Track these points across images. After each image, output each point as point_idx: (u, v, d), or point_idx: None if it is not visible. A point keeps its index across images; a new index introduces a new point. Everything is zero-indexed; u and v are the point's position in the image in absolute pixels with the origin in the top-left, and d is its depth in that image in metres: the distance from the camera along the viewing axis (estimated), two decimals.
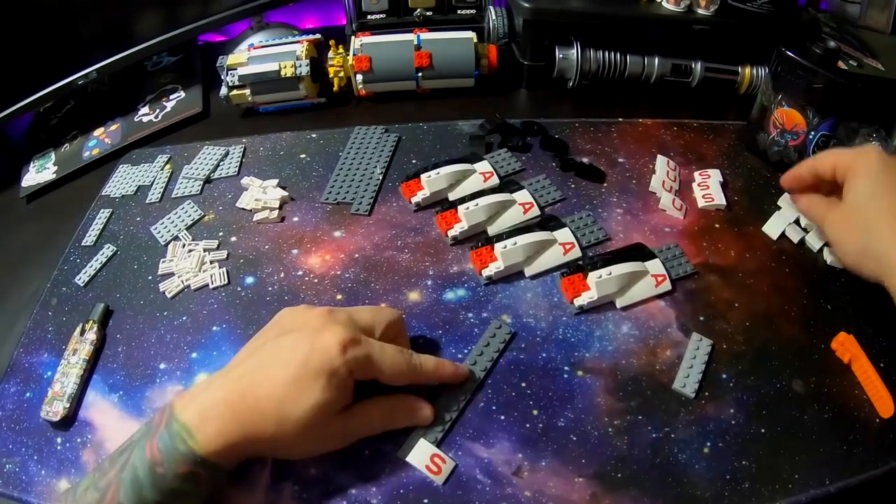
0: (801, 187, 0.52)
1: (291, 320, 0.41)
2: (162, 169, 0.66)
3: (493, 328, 0.48)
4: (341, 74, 0.72)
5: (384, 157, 0.63)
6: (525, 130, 0.65)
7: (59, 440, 0.45)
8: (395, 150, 0.64)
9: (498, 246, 0.51)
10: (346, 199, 0.59)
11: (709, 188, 0.58)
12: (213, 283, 0.53)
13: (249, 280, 0.53)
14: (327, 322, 0.39)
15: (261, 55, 0.70)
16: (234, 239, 0.57)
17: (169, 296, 0.52)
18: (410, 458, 0.41)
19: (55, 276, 0.56)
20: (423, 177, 0.58)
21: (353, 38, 0.71)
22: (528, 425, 0.43)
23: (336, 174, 0.62)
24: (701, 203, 0.57)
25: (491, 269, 0.51)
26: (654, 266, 0.51)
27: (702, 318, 0.49)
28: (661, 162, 0.60)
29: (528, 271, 0.52)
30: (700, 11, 0.65)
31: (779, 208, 0.57)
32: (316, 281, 0.53)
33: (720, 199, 0.57)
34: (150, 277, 0.55)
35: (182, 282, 0.53)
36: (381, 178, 0.61)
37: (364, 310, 0.43)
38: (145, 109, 0.76)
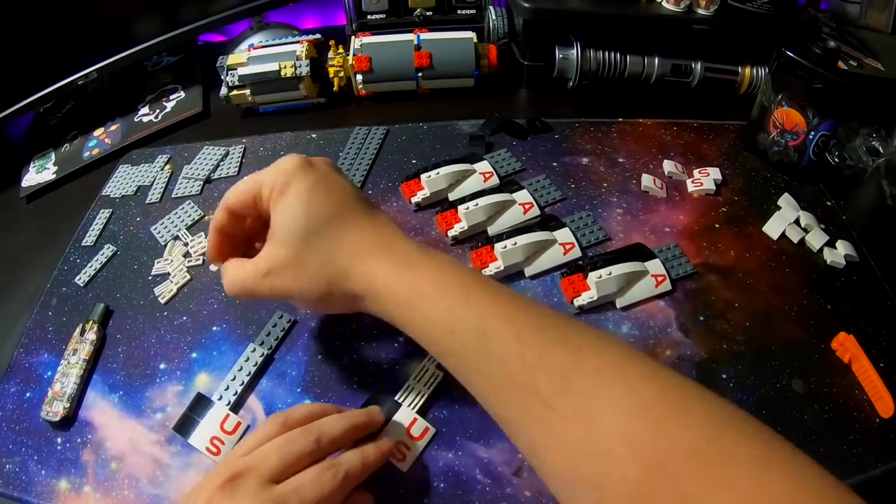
0: (225, 243, 0.41)
1: None
2: (162, 169, 0.66)
3: None
4: (341, 74, 0.72)
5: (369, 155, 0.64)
6: (528, 128, 0.65)
7: (59, 440, 0.45)
8: (382, 144, 0.65)
9: (498, 246, 0.51)
10: None
11: (700, 175, 0.59)
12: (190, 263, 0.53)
13: None
14: (232, 502, 0.32)
15: (261, 55, 0.70)
16: None
17: (162, 301, 0.52)
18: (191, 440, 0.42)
19: (55, 276, 0.56)
20: (423, 177, 0.58)
21: (353, 38, 0.71)
22: None
23: (352, 175, 0.62)
24: (690, 188, 0.58)
25: (491, 270, 0.51)
26: (654, 266, 0.51)
27: (702, 318, 0.49)
28: (668, 165, 0.61)
29: (528, 271, 0.52)
30: (700, 11, 0.65)
31: (779, 208, 0.57)
32: None
33: (709, 185, 0.58)
34: (150, 277, 0.55)
35: (174, 284, 0.53)
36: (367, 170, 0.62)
37: (269, 449, 0.35)
38: (145, 109, 0.76)
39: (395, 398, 0.44)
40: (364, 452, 0.38)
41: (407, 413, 0.43)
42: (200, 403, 0.45)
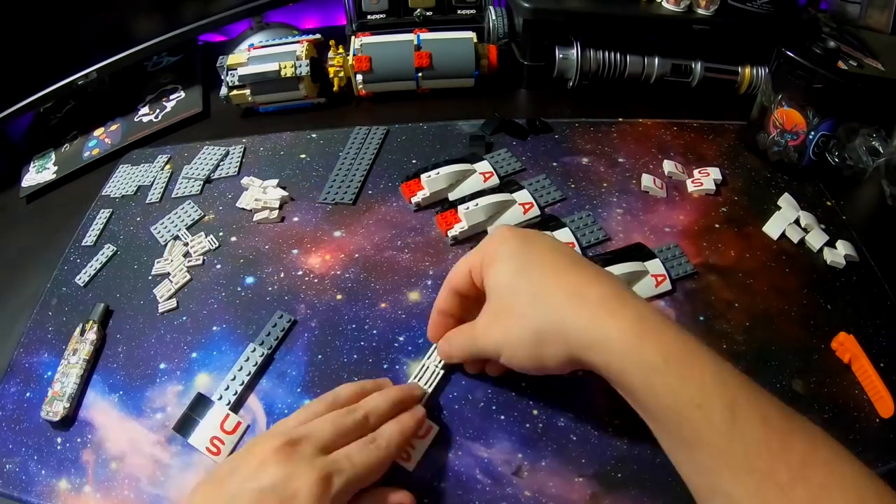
0: (448, 324, 0.43)
1: (246, 469, 0.35)
2: (162, 169, 0.66)
3: None
4: (341, 74, 0.72)
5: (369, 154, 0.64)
6: (528, 128, 0.65)
7: (59, 440, 0.45)
8: (382, 144, 0.65)
9: None
10: (345, 200, 0.59)
11: (700, 175, 0.59)
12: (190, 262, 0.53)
13: (249, 280, 0.53)
14: (289, 465, 0.34)
15: (261, 55, 0.70)
16: (234, 239, 0.57)
17: (160, 311, 0.52)
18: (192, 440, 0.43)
19: (55, 276, 0.56)
20: (423, 177, 0.58)
21: (353, 38, 0.71)
22: (528, 425, 0.43)
23: (335, 174, 0.62)
24: (690, 188, 0.58)
25: None
26: (654, 266, 0.51)
27: (702, 318, 0.49)
28: (668, 165, 0.61)
29: None
30: (700, 11, 0.65)
31: (779, 208, 0.57)
32: (316, 281, 0.53)
33: (709, 185, 0.58)
34: (150, 277, 0.55)
35: (173, 285, 0.53)
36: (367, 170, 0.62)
37: (322, 422, 0.38)
38: (145, 109, 0.76)
39: None
40: (401, 422, 0.40)
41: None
42: (201, 403, 0.45)
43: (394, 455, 0.38)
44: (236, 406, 0.45)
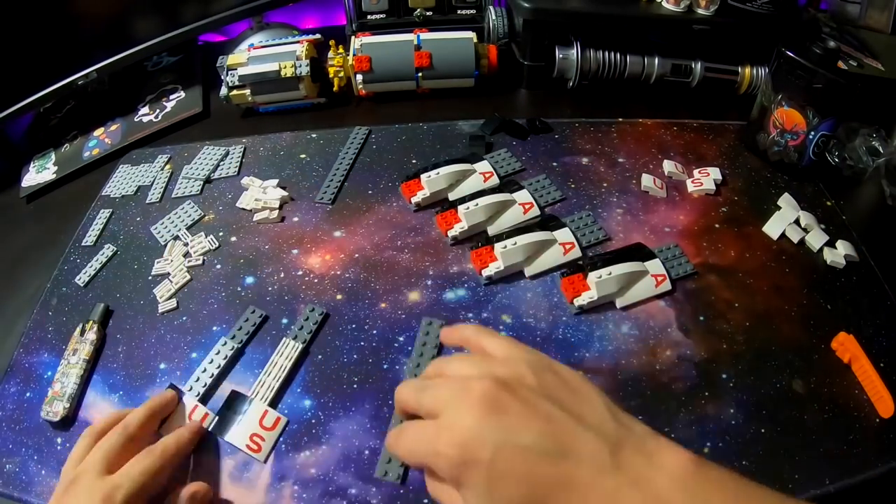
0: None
1: None
2: (162, 169, 0.66)
3: (424, 327, 0.48)
4: (341, 74, 0.72)
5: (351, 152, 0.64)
6: (528, 128, 0.65)
7: (59, 440, 0.45)
8: (382, 144, 0.65)
9: (498, 246, 0.51)
10: (343, 199, 0.59)
11: (700, 175, 0.59)
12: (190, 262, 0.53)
13: (249, 280, 0.53)
14: (72, 501, 0.37)
15: (261, 55, 0.70)
16: (234, 239, 0.57)
17: (160, 311, 0.52)
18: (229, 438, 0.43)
19: (55, 276, 0.56)
20: (423, 177, 0.58)
21: (353, 38, 0.71)
22: None
23: (333, 173, 0.62)
24: (690, 188, 0.58)
25: (491, 269, 0.51)
26: (654, 266, 0.51)
27: (702, 318, 0.49)
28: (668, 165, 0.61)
29: (528, 271, 0.52)
30: (700, 11, 0.65)
31: (779, 208, 0.57)
32: (316, 281, 0.53)
33: (709, 185, 0.58)
34: (150, 277, 0.55)
35: (173, 285, 0.53)
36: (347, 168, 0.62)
37: (94, 450, 0.40)
38: (145, 109, 0.76)
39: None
40: (177, 433, 0.42)
41: None
42: (237, 401, 0.45)
43: (173, 459, 0.40)
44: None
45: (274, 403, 0.45)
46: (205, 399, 0.46)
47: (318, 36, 0.75)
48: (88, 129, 0.75)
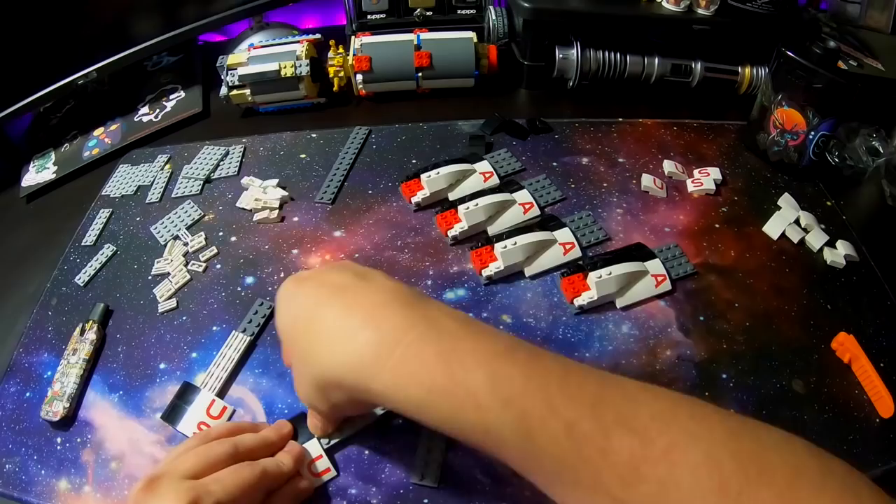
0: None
1: None
2: (162, 169, 0.66)
3: None
4: (341, 74, 0.72)
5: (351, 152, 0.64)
6: (528, 128, 0.65)
7: (59, 440, 0.45)
8: (383, 144, 0.65)
9: (498, 246, 0.51)
10: (343, 199, 0.59)
11: (700, 175, 0.59)
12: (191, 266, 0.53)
13: (249, 280, 0.53)
14: (151, 498, 0.33)
15: (261, 55, 0.70)
16: (234, 239, 0.57)
17: (160, 311, 0.52)
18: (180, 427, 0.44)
19: (55, 276, 0.56)
20: (423, 177, 0.58)
21: (353, 38, 0.71)
22: None
23: (333, 173, 0.62)
24: (690, 188, 0.58)
25: (491, 269, 0.51)
26: (654, 266, 0.51)
27: (702, 318, 0.49)
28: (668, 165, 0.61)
29: (528, 271, 0.52)
30: (700, 11, 0.65)
31: (779, 208, 0.57)
32: None
33: (709, 185, 0.58)
34: (150, 277, 0.55)
35: (173, 285, 0.53)
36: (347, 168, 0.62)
37: (187, 455, 0.37)
38: (145, 109, 0.76)
39: None
40: (278, 460, 0.40)
41: None
42: (188, 391, 0.46)
43: (270, 484, 0.37)
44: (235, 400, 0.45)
45: (221, 394, 0.46)
46: (221, 393, 0.46)
47: (318, 36, 0.75)
48: (88, 129, 0.75)
